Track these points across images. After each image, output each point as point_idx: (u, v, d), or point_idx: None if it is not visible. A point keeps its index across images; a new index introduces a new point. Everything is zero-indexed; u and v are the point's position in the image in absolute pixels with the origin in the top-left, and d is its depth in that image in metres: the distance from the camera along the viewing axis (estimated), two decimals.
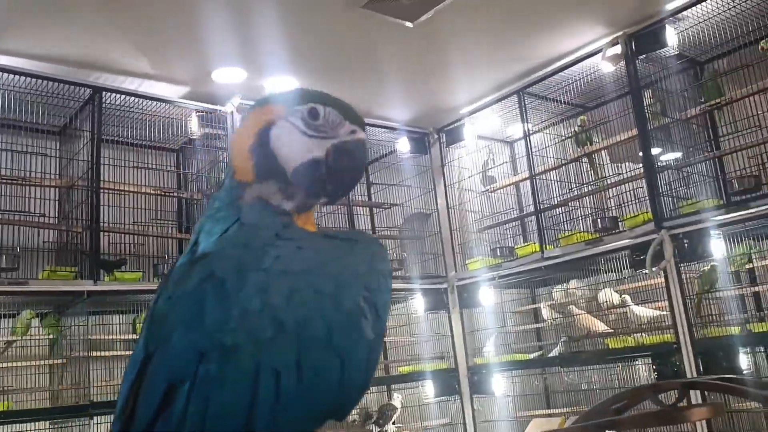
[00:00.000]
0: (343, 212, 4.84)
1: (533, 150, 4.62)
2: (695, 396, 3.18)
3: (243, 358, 0.83)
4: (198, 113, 4.26)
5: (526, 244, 4.69)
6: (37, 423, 3.56)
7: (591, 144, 4.45)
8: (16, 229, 3.73)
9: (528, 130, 4.62)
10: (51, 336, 3.70)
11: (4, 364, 3.49)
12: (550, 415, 4.45)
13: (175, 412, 0.82)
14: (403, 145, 5.19)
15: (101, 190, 3.81)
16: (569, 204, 4.54)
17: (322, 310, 0.88)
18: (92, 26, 3.51)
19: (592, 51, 4.19)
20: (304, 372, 0.84)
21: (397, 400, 4.86)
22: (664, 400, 1.28)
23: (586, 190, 4.56)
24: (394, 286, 4.78)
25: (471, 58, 4.36)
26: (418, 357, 4.92)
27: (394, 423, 4.79)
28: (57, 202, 4.05)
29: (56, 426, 3.61)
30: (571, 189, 4.67)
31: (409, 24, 3.77)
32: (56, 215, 3.99)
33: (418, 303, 4.95)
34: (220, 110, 4.31)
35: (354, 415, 4.92)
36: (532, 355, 4.71)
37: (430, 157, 5.25)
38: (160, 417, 0.82)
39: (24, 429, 3.47)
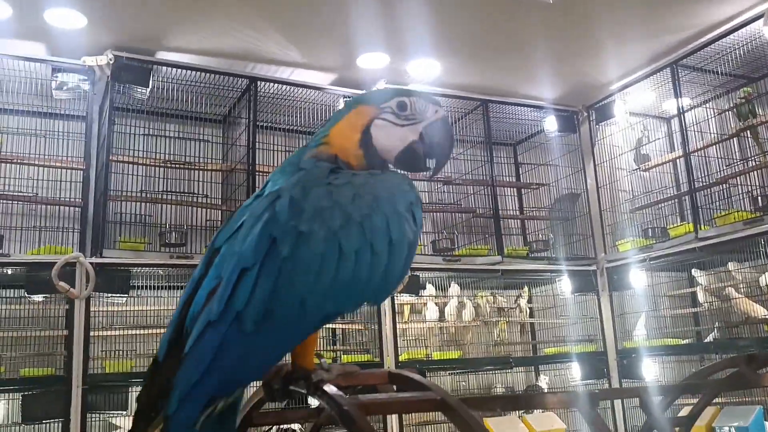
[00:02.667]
0: (488, 193, 4.86)
1: (691, 125, 4.39)
2: None
3: (314, 241, 0.99)
4: (345, 98, 4.46)
5: (679, 224, 4.47)
6: None
7: (755, 117, 4.15)
8: (184, 209, 4.13)
9: (682, 105, 4.39)
10: None
11: None
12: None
13: (240, 294, 0.95)
14: (551, 124, 5.11)
15: (257, 173, 4.11)
16: (728, 181, 4.27)
17: (380, 209, 1.04)
18: (247, 20, 3.80)
19: (753, 16, 3.90)
20: (361, 256, 0.99)
21: (543, 381, 4.85)
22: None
23: (747, 166, 4.26)
24: (541, 267, 4.77)
25: (619, 31, 4.20)
26: (565, 339, 4.86)
27: None
28: (221, 185, 4.42)
29: None
30: (731, 165, 4.38)
31: (548, 0, 3.72)
32: (220, 196, 4.36)
33: (565, 285, 4.88)
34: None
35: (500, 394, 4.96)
36: (685, 341, 4.50)
37: (579, 136, 5.13)
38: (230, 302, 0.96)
39: None
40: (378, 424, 3.98)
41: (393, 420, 4.01)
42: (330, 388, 0.86)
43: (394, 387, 0.98)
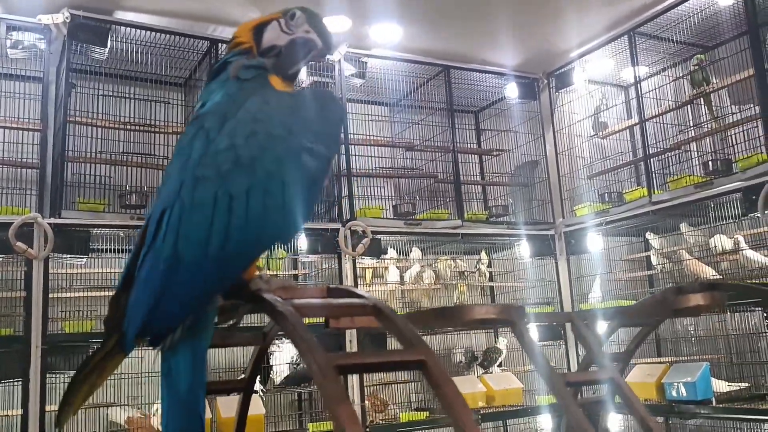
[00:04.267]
0: (449, 159, 4.91)
1: (647, 93, 4.49)
2: None
3: (207, 186, 1.03)
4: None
5: (634, 188, 4.58)
6: None
7: (708, 84, 4.25)
8: (144, 171, 4.11)
9: (638, 72, 4.48)
10: None
11: None
12: (656, 363, 4.39)
13: (162, 229, 0.99)
14: (512, 91, 5.17)
15: None
16: (681, 147, 4.38)
17: (273, 149, 1.07)
18: None
19: None
20: (252, 198, 1.03)
21: (502, 344, 4.95)
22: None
23: (700, 132, 4.37)
24: (500, 231, 4.86)
25: None
26: (524, 302, 4.96)
27: (499, 365, 4.90)
28: None
29: None
30: (684, 131, 4.49)
31: None
32: None
33: (524, 249, 4.97)
34: (327, 59, 4.48)
35: (460, 356, 5.07)
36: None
37: (540, 103, 5.20)
38: (155, 236, 1.01)
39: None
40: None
41: (354, 381, 4.08)
42: (266, 294, 0.90)
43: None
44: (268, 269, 4.23)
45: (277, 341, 4.21)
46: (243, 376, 1.20)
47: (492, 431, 4.90)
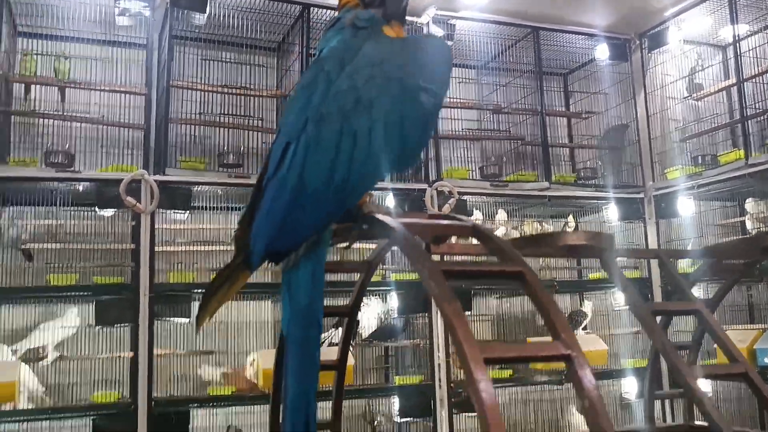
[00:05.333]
0: (536, 122, 4.90)
1: (747, 51, 4.34)
2: None
3: (331, 123, 1.13)
4: None
5: (730, 151, 4.45)
6: (260, 298, 4.23)
7: None
8: (240, 133, 4.30)
9: (737, 32, 4.32)
10: None
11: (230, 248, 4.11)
12: (749, 330, 4.30)
13: (286, 162, 1.09)
14: (603, 53, 5.08)
15: None
16: None
17: (390, 89, 1.17)
18: None
19: None
20: (373, 133, 1.12)
21: (587, 307, 4.95)
22: None
23: None
24: (588, 194, 4.83)
25: None
26: None
27: (584, 329, 4.90)
28: (275, 111, 4.57)
29: (278, 303, 4.22)
30: None
31: None
32: (274, 121, 4.51)
33: (612, 213, 4.92)
34: (416, 22, 4.54)
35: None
36: None
37: (631, 65, 5.09)
38: (279, 166, 1.11)
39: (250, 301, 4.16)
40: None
41: (440, 341, 4.18)
42: (378, 215, 1.00)
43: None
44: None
45: (365, 298, 4.36)
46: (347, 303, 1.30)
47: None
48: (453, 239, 1.12)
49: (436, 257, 1.01)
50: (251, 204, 1.18)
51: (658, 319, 1.34)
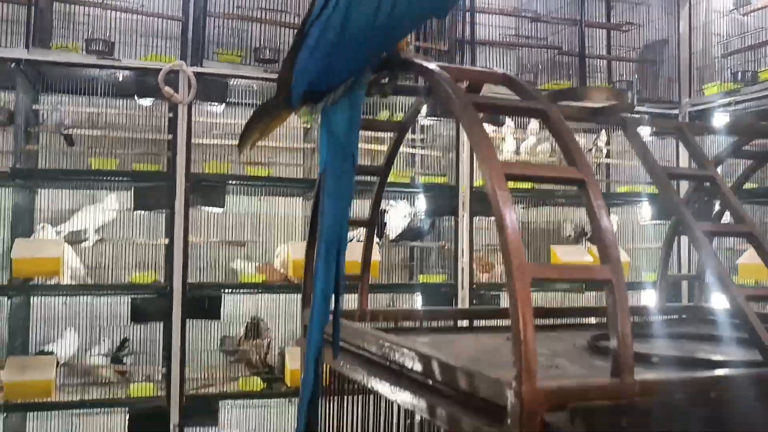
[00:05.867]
0: (575, 32, 4.83)
1: None
2: None
3: None
4: None
5: None
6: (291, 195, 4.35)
7: None
8: (277, 28, 4.31)
9: None
10: (307, 125, 4.35)
11: (269, 144, 4.20)
12: None
13: (331, 3, 1.14)
14: None
15: None
16: None
17: None
18: None
19: None
20: None
21: (613, 221, 5.00)
22: None
23: None
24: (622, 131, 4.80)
25: None
26: (639, 181, 4.94)
27: None
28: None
29: (308, 198, 4.34)
30: None
31: None
32: None
33: (645, 128, 4.89)
34: None
35: (569, 230, 5.17)
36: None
37: None
38: (324, 8, 1.16)
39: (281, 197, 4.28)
40: None
41: (465, 245, 4.28)
42: (417, 59, 1.05)
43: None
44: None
45: (392, 201, 4.46)
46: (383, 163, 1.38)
47: (595, 300, 5.03)
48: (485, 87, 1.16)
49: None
50: (294, 45, 1.24)
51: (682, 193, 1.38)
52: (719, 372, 0.90)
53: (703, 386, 0.81)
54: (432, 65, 0.96)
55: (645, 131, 4.81)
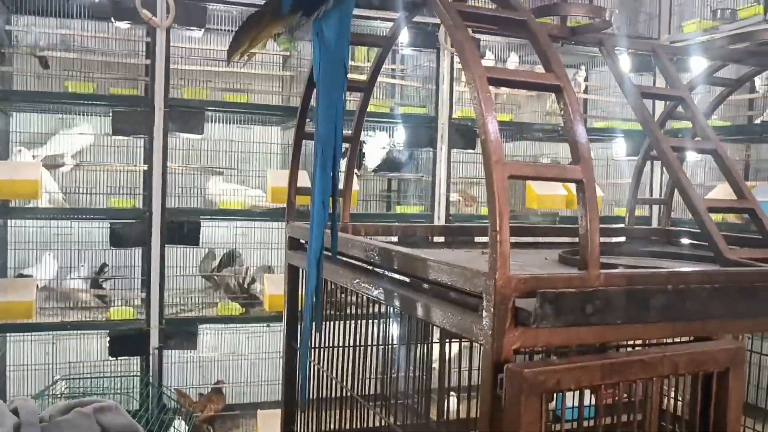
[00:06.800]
0: None
1: None
2: None
3: None
4: None
5: (750, 5, 4.40)
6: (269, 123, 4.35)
7: None
8: None
9: None
10: (287, 53, 4.32)
11: (245, 70, 4.17)
12: None
13: None
14: None
15: None
16: None
17: None
18: None
19: None
20: None
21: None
22: None
23: None
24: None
25: None
26: (615, 116, 5.00)
27: None
28: None
29: (286, 128, 4.35)
30: None
31: None
32: None
33: (625, 64, 4.92)
34: None
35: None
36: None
37: None
38: None
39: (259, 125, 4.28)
40: None
41: (443, 175, 4.33)
42: None
43: None
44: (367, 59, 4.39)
45: (370, 132, 4.47)
46: (365, 77, 1.40)
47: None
48: None
49: None
50: None
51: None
52: (675, 268, 0.97)
53: (660, 279, 0.87)
54: None
55: (626, 67, 4.85)
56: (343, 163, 1.55)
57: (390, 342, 1.41)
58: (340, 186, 1.47)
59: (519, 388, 0.77)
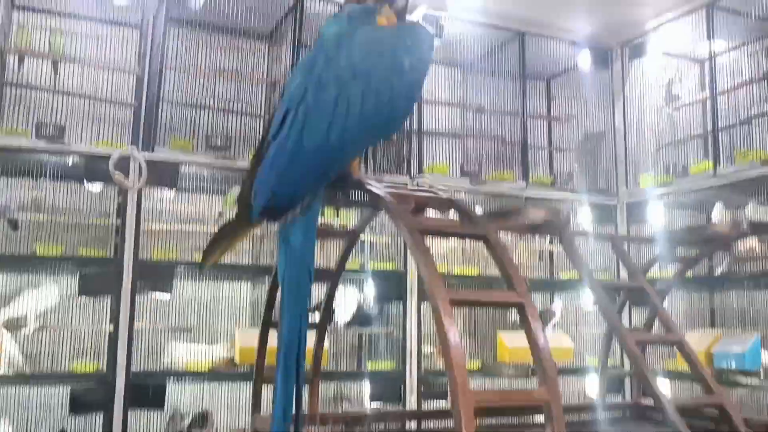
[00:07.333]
0: (518, 124, 5.05)
1: (723, 67, 4.52)
2: None
3: (329, 90, 1.28)
4: None
5: (700, 162, 4.63)
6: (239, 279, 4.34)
7: None
8: (230, 116, 4.39)
9: (714, 47, 4.51)
10: None
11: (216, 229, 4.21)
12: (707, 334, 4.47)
13: (286, 126, 1.22)
14: (585, 60, 5.24)
15: None
16: (751, 122, 4.40)
17: (382, 63, 1.34)
18: None
19: None
20: (365, 100, 1.24)
21: (557, 306, 5.11)
22: None
23: None
24: (564, 197, 4.97)
25: None
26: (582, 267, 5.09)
27: (553, 327, 5.05)
28: (263, 97, 4.67)
29: (257, 282, 4.34)
30: (755, 105, 4.50)
31: None
32: (262, 107, 4.61)
33: (585, 217, 5.09)
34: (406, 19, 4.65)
35: (515, 315, 5.25)
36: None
37: (611, 73, 5.26)
38: (280, 130, 1.24)
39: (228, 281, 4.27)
40: None
41: None
42: (367, 181, 1.12)
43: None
44: (337, 216, 4.48)
45: (341, 285, 4.48)
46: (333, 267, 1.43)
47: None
48: (431, 212, 1.24)
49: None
50: (253, 165, 1.30)
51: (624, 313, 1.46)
52: None
53: None
54: (380, 190, 1.03)
55: (587, 220, 5.00)
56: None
57: None
58: (310, 344, 1.45)
59: None
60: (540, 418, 1.78)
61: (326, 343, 4.03)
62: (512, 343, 4.59)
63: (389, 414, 1.62)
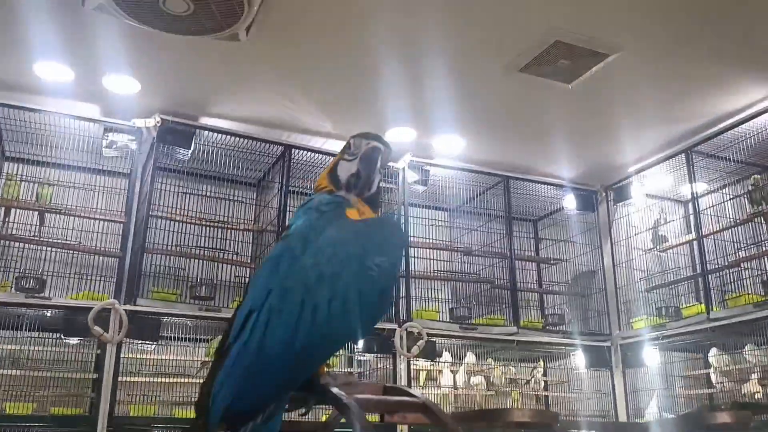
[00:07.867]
0: (506, 266, 5.03)
1: (706, 209, 4.56)
2: None
3: (294, 294, 1.21)
4: None
5: (692, 304, 4.58)
6: None
7: (767, 203, 4.30)
8: (215, 265, 4.35)
9: (696, 189, 4.57)
10: None
11: (197, 380, 4.06)
12: None
13: (248, 328, 1.15)
14: (571, 202, 5.30)
15: None
16: (740, 264, 4.39)
17: (350, 267, 1.27)
18: (285, 93, 4.11)
19: (764, 108, 4.11)
20: (332, 306, 1.18)
21: None
22: None
23: (760, 250, 4.38)
24: (556, 340, 4.88)
25: (636, 116, 4.42)
26: (578, 413, 4.91)
27: None
28: (251, 244, 4.66)
29: None
30: (743, 249, 4.50)
31: (567, 86, 3.97)
32: (249, 255, 4.59)
33: (579, 359, 4.96)
34: (392, 166, 4.73)
35: None
36: None
37: (597, 215, 5.31)
38: (242, 332, 1.16)
39: None
40: None
41: None
42: (334, 389, 1.04)
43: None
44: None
45: None
46: None
47: None
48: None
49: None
50: (212, 369, 1.22)
51: None
52: None
53: None
54: (348, 400, 0.95)
55: (581, 362, 4.87)
56: None
57: None
58: None
59: None
60: None
61: None
62: None
63: None
